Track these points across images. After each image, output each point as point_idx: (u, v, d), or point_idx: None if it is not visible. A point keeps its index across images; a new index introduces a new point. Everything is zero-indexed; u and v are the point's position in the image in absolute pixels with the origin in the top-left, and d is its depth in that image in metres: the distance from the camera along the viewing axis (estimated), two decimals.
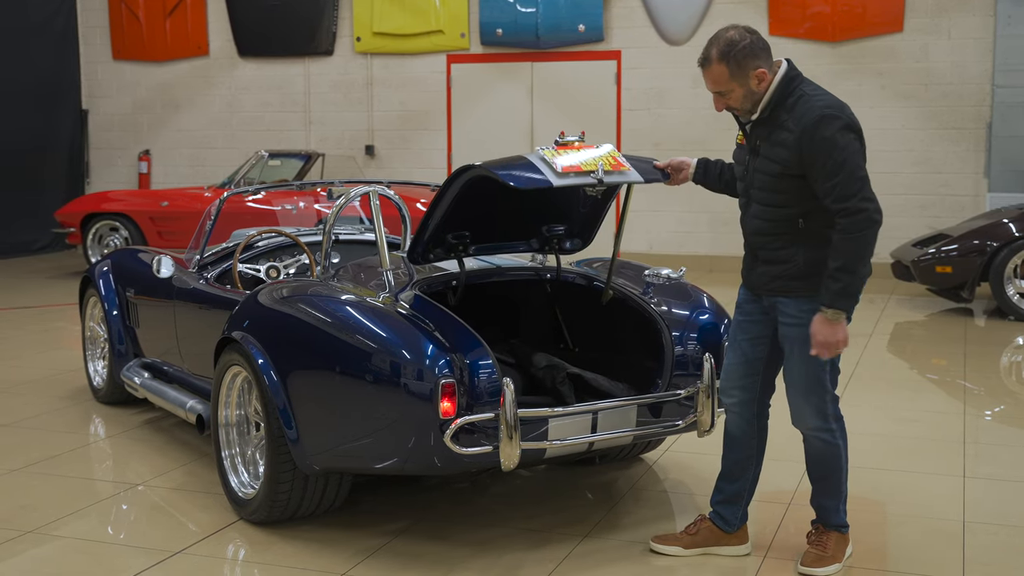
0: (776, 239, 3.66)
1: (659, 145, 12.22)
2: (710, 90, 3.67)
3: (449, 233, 4.21)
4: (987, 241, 8.90)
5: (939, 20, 11.34)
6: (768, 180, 3.62)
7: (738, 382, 3.86)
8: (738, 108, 3.65)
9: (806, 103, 3.54)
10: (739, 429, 3.90)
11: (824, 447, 3.77)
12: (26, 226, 13.53)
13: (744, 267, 3.85)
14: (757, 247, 3.72)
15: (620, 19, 12.41)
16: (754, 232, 3.72)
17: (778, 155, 3.57)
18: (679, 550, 3.92)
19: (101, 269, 6.12)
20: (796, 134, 3.51)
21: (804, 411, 3.74)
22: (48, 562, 3.95)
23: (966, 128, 11.30)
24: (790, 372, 3.75)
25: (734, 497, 3.95)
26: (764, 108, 3.61)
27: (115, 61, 14.53)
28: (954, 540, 4.10)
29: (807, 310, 3.62)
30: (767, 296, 3.74)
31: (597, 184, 3.77)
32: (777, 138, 3.57)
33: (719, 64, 3.59)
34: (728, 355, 3.93)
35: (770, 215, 3.66)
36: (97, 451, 5.45)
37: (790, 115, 3.55)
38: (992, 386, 6.84)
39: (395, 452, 3.75)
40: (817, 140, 3.46)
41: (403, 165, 13.26)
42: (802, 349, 3.65)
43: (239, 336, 4.21)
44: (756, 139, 3.66)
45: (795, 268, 3.63)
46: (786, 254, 3.64)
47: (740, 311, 3.88)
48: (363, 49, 13.33)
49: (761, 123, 3.63)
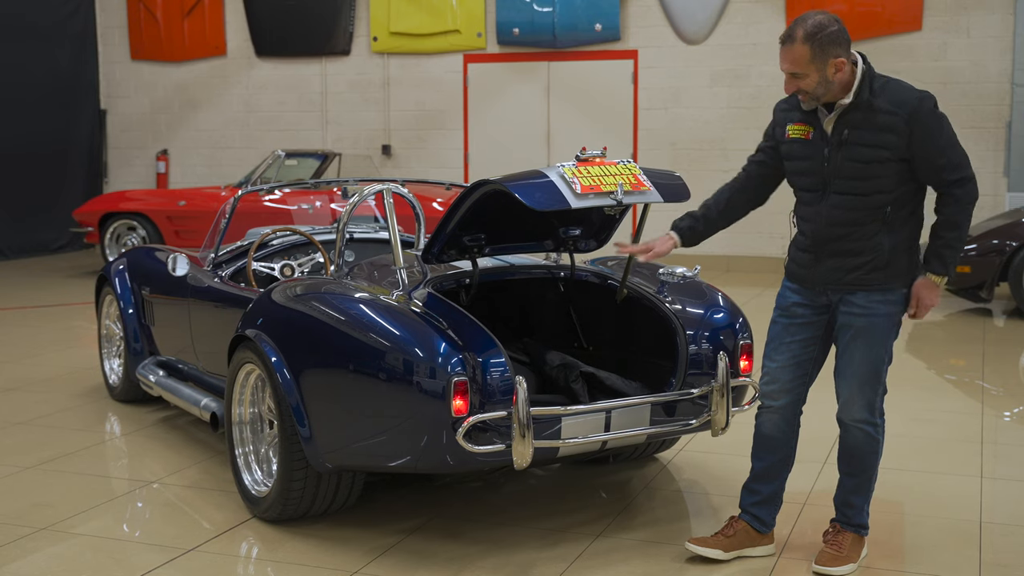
0: (860, 229, 3.60)
1: (675, 145, 12.20)
2: (785, 70, 3.57)
3: (465, 236, 4.21)
4: (1006, 241, 8.83)
5: (958, 18, 11.27)
6: (862, 168, 3.56)
7: (787, 385, 3.81)
8: (808, 93, 3.56)
9: (895, 87, 3.59)
10: (780, 431, 3.86)
11: (866, 440, 3.73)
12: (44, 225, 13.60)
13: (802, 265, 3.75)
14: (834, 239, 3.63)
15: (637, 18, 12.38)
16: (833, 224, 3.62)
17: (884, 140, 3.53)
18: (719, 553, 3.85)
19: (117, 268, 6.14)
20: (903, 116, 3.51)
21: (855, 402, 3.70)
22: (63, 559, 3.97)
23: (985, 127, 11.23)
24: (849, 363, 3.69)
25: (771, 498, 3.92)
26: (857, 92, 3.55)
27: (133, 61, 14.59)
28: (971, 540, 4.07)
29: (877, 301, 3.63)
30: (836, 292, 3.68)
31: (616, 205, 3.76)
32: (878, 122, 3.53)
33: (803, 45, 3.52)
34: (774, 358, 3.83)
35: (859, 204, 3.58)
36: (112, 449, 5.47)
37: (883, 100, 3.54)
38: (1010, 386, 6.79)
39: (408, 450, 3.75)
40: (926, 118, 3.53)
41: (420, 165, 13.27)
42: (867, 340, 3.64)
43: (253, 334, 4.21)
44: (844, 128, 3.58)
45: (879, 258, 3.60)
46: (872, 244, 3.60)
47: (787, 314, 3.80)
48: (380, 49, 13.35)
49: (854, 108, 3.56)
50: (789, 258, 3.84)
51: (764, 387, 3.87)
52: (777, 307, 3.87)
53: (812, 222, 3.69)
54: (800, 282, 3.78)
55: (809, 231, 3.70)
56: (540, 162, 12.50)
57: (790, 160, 3.75)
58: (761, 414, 3.90)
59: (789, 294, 3.82)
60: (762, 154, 3.87)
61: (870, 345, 3.65)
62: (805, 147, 3.68)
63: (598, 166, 3.80)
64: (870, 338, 3.64)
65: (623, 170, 3.82)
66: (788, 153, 3.75)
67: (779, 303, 3.86)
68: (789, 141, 3.72)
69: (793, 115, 3.72)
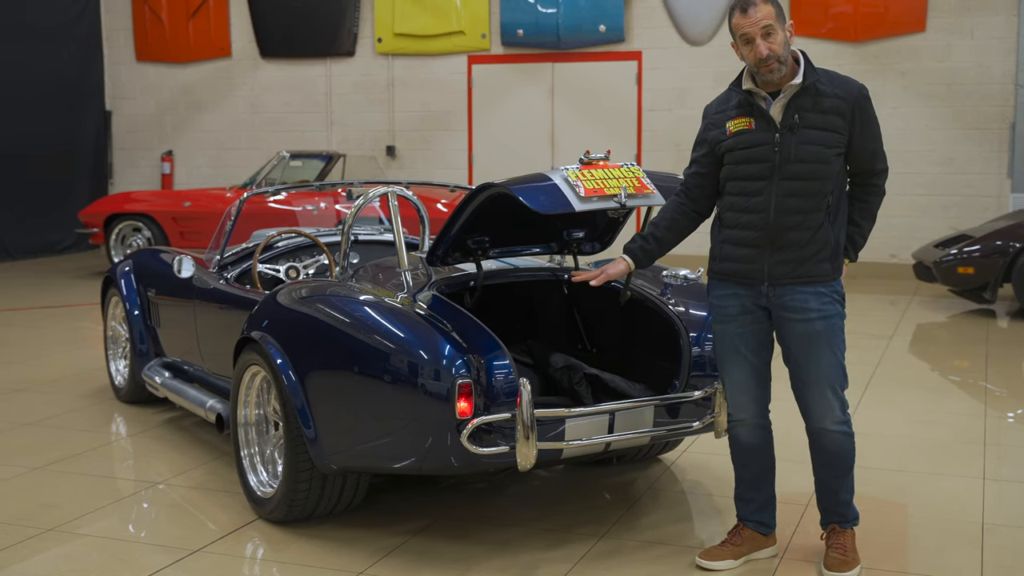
0: (809, 218, 3.58)
1: (680, 146, 12.21)
2: (754, 32, 3.52)
3: (469, 238, 4.23)
4: (1010, 242, 8.84)
5: (962, 20, 11.27)
6: (816, 152, 3.56)
7: (753, 394, 3.79)
8: (779, 56, 3.53)
9: (833, 74, 3.68)
10: (758, 439, 3.85)
11: (845, 440, 3.72)
12: (50, 226, 13.64)
13: (745, 261, 3.67)
14: (785, 229, 3.59)
15: (641, 19, 12.40)
16: (784, 212, 3.58)
17: (832, 123, 3.56)
18: (731, 563, 3.84)
19: (123, 269, 6.17)
20: (849, 101, 3.59)
21: (830, 407, 3.67)
22: (69, 560, 3.99)
23: (989, 128, 11.23)
24: (816, 369, 3.64)
25: (767, 502, 3.93)
26: (806, 73, 3.58)
27: (138, 63, 14.63)
28: (973, 542, 4.09)
29: (827, 302, 3.62)
30: (783, 286, 3.62)
31: (620, 208, 3.78)
32: (825, 106, 3.57)
33: (765, 3, 3.55)
34: (732, 371, 3.79)
35: (807, 189, 3.57)
36: (118, 450, 5.49)
37: (827, 84, 3.60)
38: (1014, 388, 6.80)
39: (412, 452, 3.77)
40: (866, 104, 3.65)
41: (424, 166, 13.30)
42: (829, 343, 3.62)
43: (258, 336, 4.23)
44: (795, 112, 3.58)
45: (827, 249, 3.60)
46: (821, 235, 3.59)
47: (735, 323, 3.73)
48: (384, 50, 13.37)
49: (803, 93, 3.58)
50: (721, 259, 3.74)
51: (731, 401, 3.84)
52: (719, 319, 3.78)
53: (759, 212, 3.61)
54: (741, 279, 3.69)
55: (756, 223, 3.62)
56: (544, 163, 12.51)
57: (733, 152, 3.66)
58: (733, 427, 3.87)
59: (729, 300, 3.74)
60: (696, 165, 3.82)
61: (832, 347, 3.64)
62: (752, 136, 3.63)
63: (602, 169, 3.82)
64: (831, 340, 3.63)
65: (626, 173, 3.84)
66: (732, 147, 3.66)
67: (720, 314, 3.78)
68: (732, 136, 3.67)
69: (729, 113, 3.70)
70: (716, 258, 3.78)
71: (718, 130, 3.73)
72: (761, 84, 3.63)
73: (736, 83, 3.72)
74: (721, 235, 3.76)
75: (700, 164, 3.81)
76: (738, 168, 3.68)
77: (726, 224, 3.73)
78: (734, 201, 3.70)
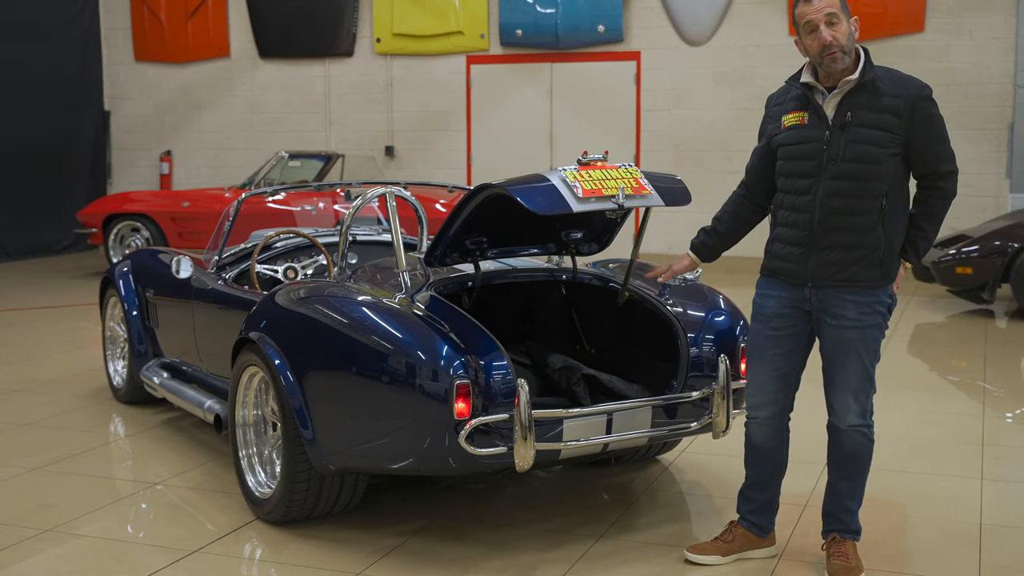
0: (857, 220, 3.52)
1: (679, 146, 12.22)
2: (818, 19, 3.48)
3: (467, 239, 4.23)
4: (1008, 242, 8.84)
5: (961, 20, 11.28)
6: (866, 151, 3.50)
7: (772, 396, 3.77)
8: (843, 46, 3.49)
9: (896, 73, 3.58)
10: (769, 440, 3.83)
11: (863, 441, 3.68)
12: (49, 226, 13.64)
13: (790, 260, 3.64)
14: (830, 230, 3.54)
15: (640, 20, 12.40)
16: (830, 212, 3.52)
17: (887, 123, 3.50)
18: (717, 558, 3.86)
19: (121, 270, 6.17)
20: (907, 100, 3.50)
21: (851, 409, 3.64)
22: (67, 560, 3.99)
23: (988, 129, 11.24)
24: (844, 374, 3.62)
25: (768, 504, 3.92)
26: (863, 70, 3.52)
27: (137, 63, 14.63)
28: (971, 543, 4.09)
29: (866, 312, 3.57)
30: (824, 292, 3.59)
31: (618, 208, 3.77)
32: (881, 104, 3.50)
33: None
34: (756, 370, 3.79)
35: (856, 190, 3.51)
36: (116, 450, 5.49)
37: (886, 82, 3.52)
38: (1012, 388, 6.80)
39: (410, 452, 3.77)
40: (928, 104, 3.54)
41: (423, 166, 13.30)
42: (858, 351, 3.58)
43: (256, 337, 4.23)
44: (848, 110, 3.53)
45: (875, 255, 3.54)
46: (871, 239, 3.53)
47: (769, 324, 3.72)
48: (383, 50, 13.37)
49: (859, 89, 3.53)
50: (771, 256, 3.73)
51: (749, 398, 3.84)
52: (756, 316, 3.77)
53: (806, 212, 3.59)
54: (787, 277, 3.67)
55: (803, 222, 3.60)
56: (543, 163, 12.51)
57: (785, 147, 3.65)
58: (749, 424, 3.87)
59: (770, 300, 3.73)
60: (755, 156, 3.81)
61: (862, 356, 3.61)
62: (803, 131, 3.60)
63: (600, 170, 3.82)
64: (863, 349, 3.60)
65: (624, 174, 3.84)
66: (784, 140, 3.65)
67: (758, 312, 3.77)
68: (785, 130, 3.65)
69: (787, 106, 3.67)
70: (767, 254, 3.77)
71: (774, 123, 3.71)
72: (822, 77, 3.58)
73: (795, 76, 3.68)
74: (773, 231, 3.75)
75: (758, 156, 3.80)
76: (787, 164, 3.66)
77: (778, 221, 3.72)
78: (784, 198, 3.69)
